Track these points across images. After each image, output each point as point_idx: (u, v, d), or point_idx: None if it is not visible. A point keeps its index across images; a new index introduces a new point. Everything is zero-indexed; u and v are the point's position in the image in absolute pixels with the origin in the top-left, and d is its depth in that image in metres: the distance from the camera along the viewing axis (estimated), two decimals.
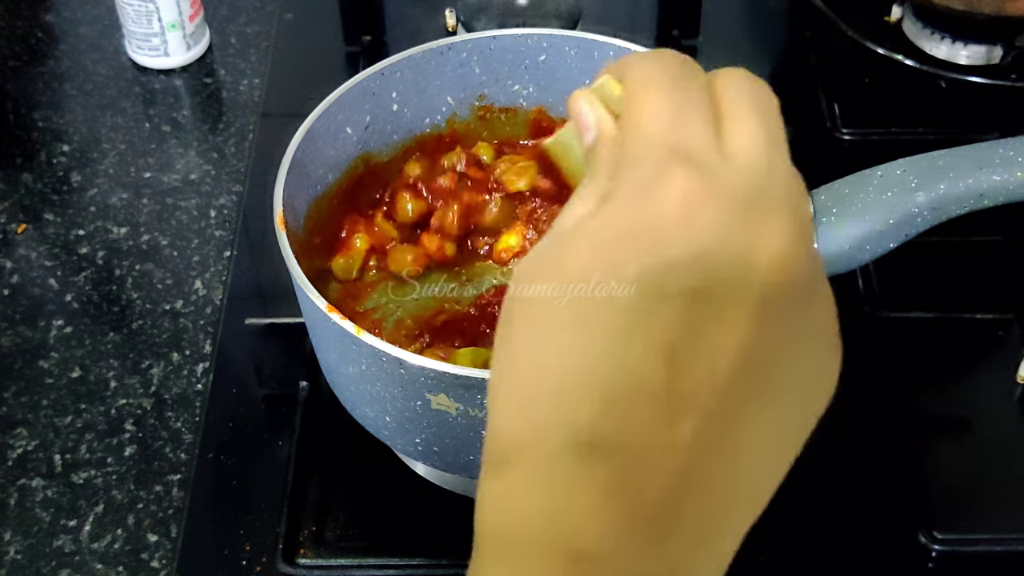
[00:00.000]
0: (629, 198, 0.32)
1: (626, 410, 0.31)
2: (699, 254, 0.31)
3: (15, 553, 0.66)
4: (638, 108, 0.34)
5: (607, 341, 0.31)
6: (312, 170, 0.65)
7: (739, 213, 0.31)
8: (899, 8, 0.94)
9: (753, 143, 0.34)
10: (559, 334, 0.32)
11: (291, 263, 0.57)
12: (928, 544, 0.64)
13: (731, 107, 0.35)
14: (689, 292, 0.31)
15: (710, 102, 0.35)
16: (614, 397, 0.31)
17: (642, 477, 0.31)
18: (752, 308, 0.31)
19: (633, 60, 0.36)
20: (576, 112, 0.37)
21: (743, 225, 0.31)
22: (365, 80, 0.67)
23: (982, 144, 0.65)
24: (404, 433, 0.59)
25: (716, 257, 0.31)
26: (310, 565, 0.64)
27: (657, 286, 0.31)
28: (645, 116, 0.34)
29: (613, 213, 0.32)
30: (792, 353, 0.32)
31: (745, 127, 0.34)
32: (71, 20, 1.01)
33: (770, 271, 0.31)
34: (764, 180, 0.33)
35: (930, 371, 0.74)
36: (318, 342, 0.62)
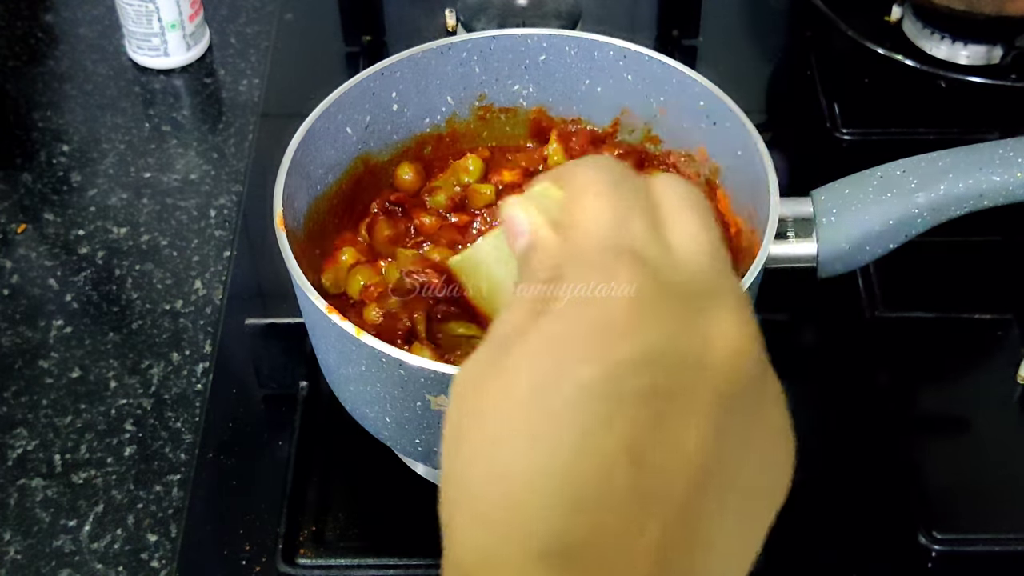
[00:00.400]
0: (575, 299, 0.32)
1: (595, 516, 0.30)
2: (653, 352, 0.31)
3: (15, 553, 0.66)
4: (580, 210, 0.34)
5: (569, 447, 0.30)
6: (312, 170, 0.65)
7: (689, 309, 0.32)
8: (899, 8, 0.94)
9: (694, 241, 0.34)
10: (516, 443, 0.31)
11: (291, 263, 0.57)
12: (928, 544, 0.64)
13: (670, 208, 0.35)
14: (647, 391, 0.30)
15: (649, 203, 0.35)
16: (581, 503, 0.30)
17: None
18: (710, 404, 0.31)
19: (571, 167, 0.36)
20: (508, 217, 0.37)
21: (694, 321, 0.32)
22: (365, 80, 0.67)
23: (982, 145, 0.65)
24: (404, 434, 0.59)
25: (670, 355, 0.31)
26: (310, 565, 0.64)
27: (614, 387, 0.30)
28: (587, 217, 0.34)
29: (561, 315, 0.32)
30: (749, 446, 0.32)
31: (685, 226, 0.35)
32: (71, 20, 1.01)
33: (724, 367, 0.31)
34: (709, 277, 0.34)
35: (930, 371, 0.74)
36: (318, 343, 0.62)
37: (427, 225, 0.68)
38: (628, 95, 0.70)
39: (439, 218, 0.69)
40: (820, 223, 0.65)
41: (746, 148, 0.64)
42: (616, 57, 0.69)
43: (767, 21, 1.04)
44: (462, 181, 0.71)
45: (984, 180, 0.63)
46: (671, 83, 0.68)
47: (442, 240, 0.67)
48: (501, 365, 0.32)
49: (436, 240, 0.67)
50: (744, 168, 0.64)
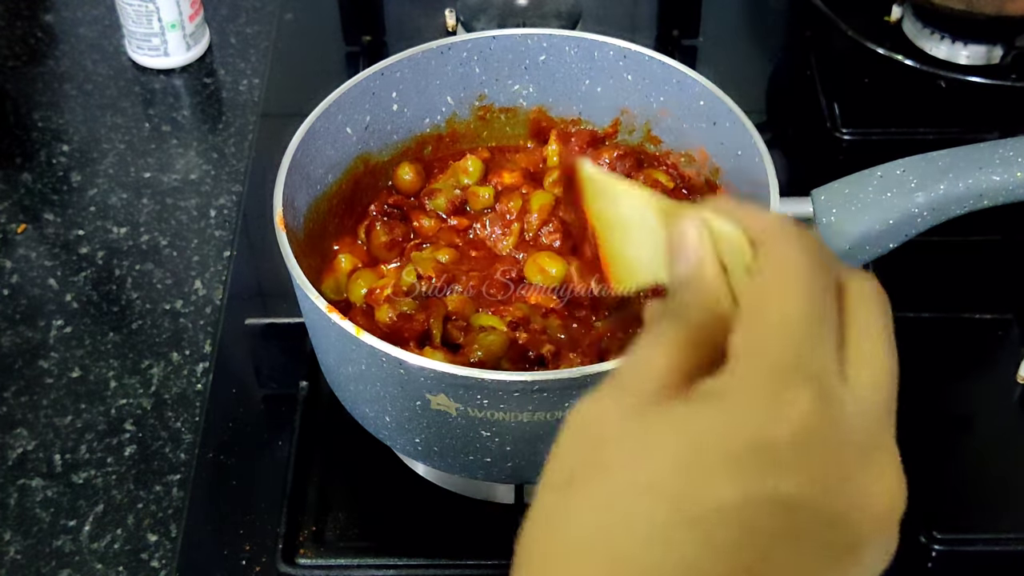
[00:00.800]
0: (744, 404, 0.29)
1: None
2: (803, 493, 0.29)
3: (15, 553, 0.66)
4: (776, 299, 0.31)
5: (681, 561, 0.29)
6: (312, 170, 0.65)
7: (854, 458, 0.30)
8: (899, 8, 0.94)
9: (875, 382, 0.32)
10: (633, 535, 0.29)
11: (291, 263, 0.57)
12: (928, 544, 0.64)
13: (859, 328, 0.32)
14: (781, 531, 0.29)
15: (836, 311, 0.32)
16: None
17: None
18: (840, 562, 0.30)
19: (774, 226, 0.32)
20: (680, 234, 0.33)
21: (855, 472, 0.30)
22: (365, 80, 0.67)
23: (982, 144, 0.65)
24: (404, 433, 0.59)
25: (818, 500, 0.29)
26: (310, 565, 0.64)
27: (750, 516, 0.29)
28: (782, 314, 0.31)
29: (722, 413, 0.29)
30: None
31: (871, 359, 0.32)
32: (71, 20, 1.01)
33: (869, 530, 0.30)
34: (882, 428, 0.32)
35: (930, 371, 0.74)
36: (318, 342, 0.62)
37: (426, 228, 0.68)
38: (628, 95, 0.70)
39: (438, 220, 0.69)
40: (820, 223, 0.65)
41: (746, 148, 0.64)
42: (616, 57, 0.69)
43: (767, 21, 1.04)
44: (461, 183, 0.70)
45: (984, 180, 0.63)
46: (671, 83, 0.68)
47: (441, 242, 0.67)
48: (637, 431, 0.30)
49: (435, 242, 0.67)
50: (744, 168, 0.64)
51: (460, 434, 0.56)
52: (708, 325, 0.32)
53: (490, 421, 0.55)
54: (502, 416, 0.54)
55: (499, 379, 0.52)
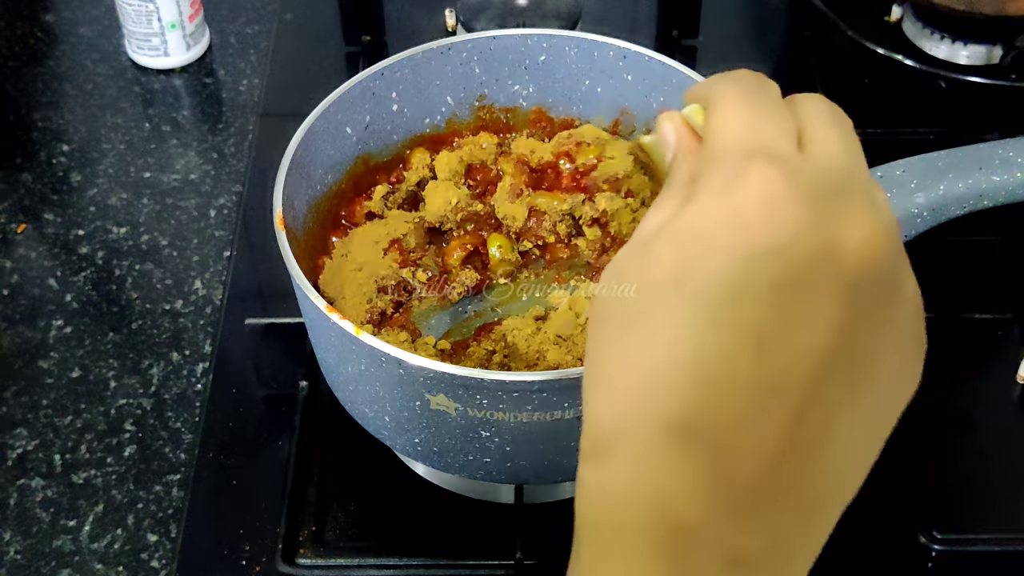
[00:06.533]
0: (710, 197, 0.34)
1: (716, 397, 0.32)
2: (783, 245, 0.32)
3: (15, 553, 0.66)
4: (718, 117, 0.36)
5: (696, 333, 0.32)
6: (312, 170, 0.65)
7: (821, 204, 0.33)
8: (899, 8, 0.94)
9: (832, 145, 0.35)
10: (650, 329, 0.33)
11: (291, 263, 0.57)
12: (928, 544, 0.64)
13: (810, 120, 0.36)
14: (774, 282, 0.32)
15: (789, 114, 0.37)
16: (704, 384, 0.32)
17: (735, 459, 0.32)
18: (837, 297, 0.32)
19: (712, 80, 0.38)
20: (661, 132, 0.39)
21: (825, 216, 0.32)
22: (365, 80, 0.67)
23: (981, 145, 0.65)
24: (403, 433, 0.59)
25: (800, 247, 0.32)
26: (310, 565, 0.64)
27: (742, 278, 0.32)
28: (724, 122, 0.36)
29: (695, 212, 0.34)
30: (878, 343, 0.33)
31: (823, 134, 0.36)
32: (71, 20, 1.01)
33: (855, 260, 0.32)
34: (844, 175, 0.34)
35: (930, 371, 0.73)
36: (317, 342, 0.62)
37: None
38: (628, 95, 0.70)
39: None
40: None
41: None
42: (616, 57, 0.69)
43: (767, 21, 1.04)
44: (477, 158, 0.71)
45: (984, 180, 0.63)
46: (671, 83, 0.68)
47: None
48: (640, 257, 0.34)
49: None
50: None
51: (460, 434, 0.56)
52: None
53: (490, 421, 0.55)
54: (502, 416, 0.54)
55: (499, 379, 0.52)
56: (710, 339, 0.32)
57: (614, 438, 0.33)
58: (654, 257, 0.34)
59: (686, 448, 0.32)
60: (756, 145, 0.34)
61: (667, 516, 0.32)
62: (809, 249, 0.32)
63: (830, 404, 0.32)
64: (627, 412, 0.33)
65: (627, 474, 0.33)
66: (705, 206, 0.34)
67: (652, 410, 0.32)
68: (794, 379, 0.32)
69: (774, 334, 0.32)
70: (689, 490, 0.32)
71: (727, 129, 0.35)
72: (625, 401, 0.33)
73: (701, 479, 0.32)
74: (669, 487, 0.32)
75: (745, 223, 0.32)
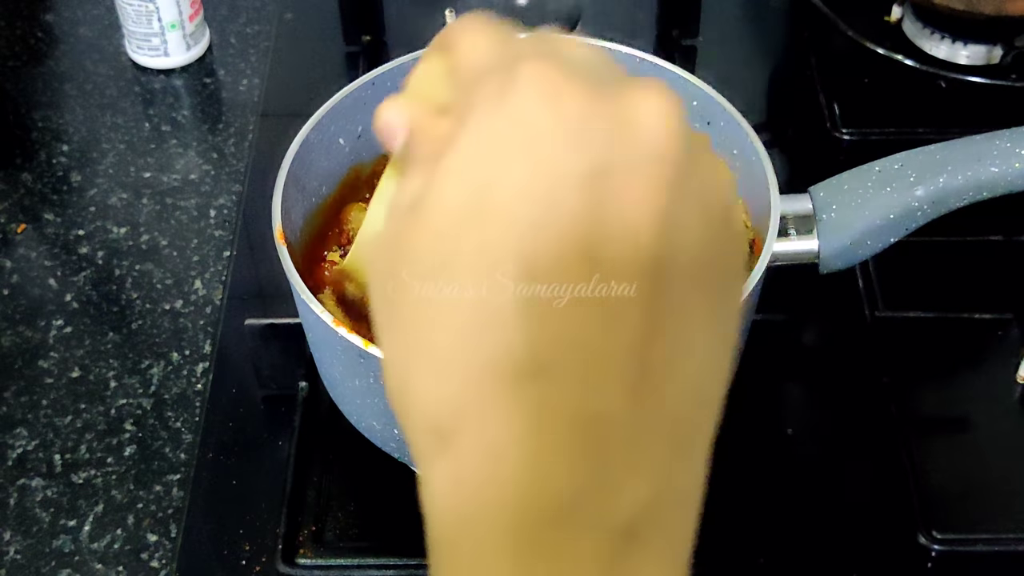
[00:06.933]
0: (483, 111, 0.29)
1: (560, 323, 0.28)
2: (576, 134, 0.29)
3: (15, 553, 0.66)
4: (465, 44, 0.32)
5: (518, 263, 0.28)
6: (307, 182, 0.65)
7: (601, 88, 0.30)
8: (899, 8, 0.94)
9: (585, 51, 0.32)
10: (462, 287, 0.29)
11: (294, 279, 0.56)
12: (928, 544, 0.64)
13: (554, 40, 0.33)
14: (580, 176, 0.28)
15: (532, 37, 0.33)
16: (541, 319, 0.28)
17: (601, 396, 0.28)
18: (649, 174, 0.29)
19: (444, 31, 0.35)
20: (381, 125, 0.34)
21: (610, 98, 0.29)
22: (357, 90, 0.66)
23: (979, 136, 0.65)
24: None
25: (594, 132, 0.29)
26: (310, 565, 0.64)
27: (549, 182, 0.28)
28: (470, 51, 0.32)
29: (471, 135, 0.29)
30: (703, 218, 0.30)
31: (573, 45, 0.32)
32: (71, 20, 1.01)
33: (654, 133, 0.29)
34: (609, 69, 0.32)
35: (930, 371, 0.74)
36: (321, 356, 0.62)
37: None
38: None
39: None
40: (820, 219, 0.64)
41: (743, 146, 0.64)
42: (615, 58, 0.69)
43: (767, 21, 1.04)
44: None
45: (983, 172, 0.63)
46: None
47: None
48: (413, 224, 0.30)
49: None
50: (742, 167, 0.64)
51: None
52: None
53: None
54: None
55: None
56: (534, 264, 0.28)
57: (454, 413, 0.29)
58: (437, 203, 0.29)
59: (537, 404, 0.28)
60: (516, 52, 0.31)
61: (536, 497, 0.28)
62: (604, 130, 0.29)
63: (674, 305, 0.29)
64: (463, 380, 0.29)
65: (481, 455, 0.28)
66: (481, 122, 0.29)
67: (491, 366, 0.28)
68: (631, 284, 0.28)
69: (599, 236, 0.28)
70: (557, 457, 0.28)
71: (476, 53, 0.32)
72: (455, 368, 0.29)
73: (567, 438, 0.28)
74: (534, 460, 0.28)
75: (532, 121, 0.28)
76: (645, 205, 0.28)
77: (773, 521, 0.65)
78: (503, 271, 0.28)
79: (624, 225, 0.28)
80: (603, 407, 0.28)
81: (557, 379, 0.28)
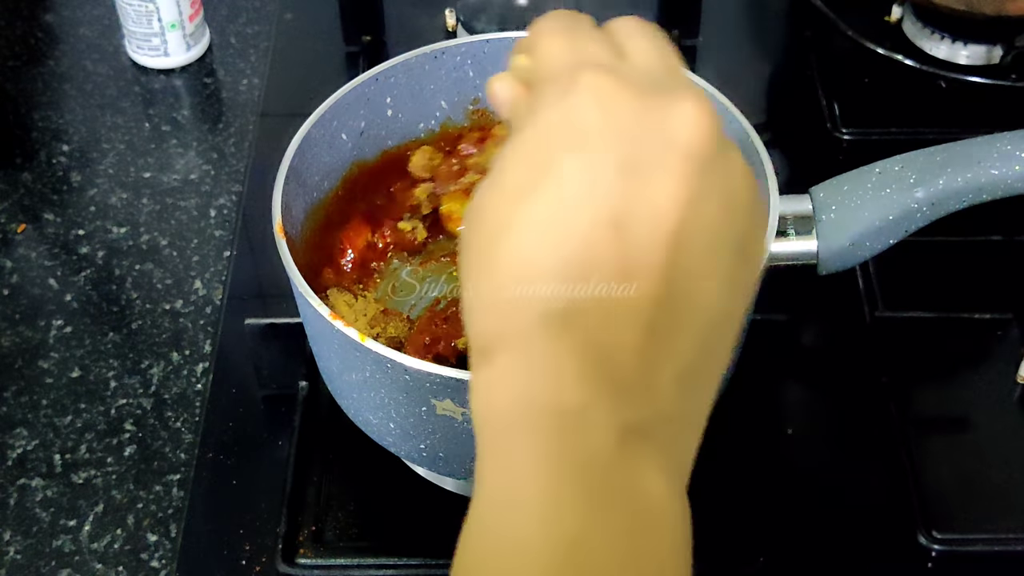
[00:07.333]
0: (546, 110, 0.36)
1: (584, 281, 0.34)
2: (620, 133, 0.35)
3: (15, 553, 0.66)
4: (541, 50, 0.39)
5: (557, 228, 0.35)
6: (308, 178, 0.65)
7: (648, 95, 0.36)
8: (899, 8, 0.94)
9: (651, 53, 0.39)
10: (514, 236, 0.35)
11: (292, 272, 0.57)
12: (928, 544, 0.64)
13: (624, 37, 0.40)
14: (619, 166, 0.35)
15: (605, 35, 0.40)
16: (571, 269, 0.34)
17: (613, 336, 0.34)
18: (677, 169, 0.35)
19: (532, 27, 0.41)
20: (495, 93, 0.41)
21: (655, 103, 0.36)
22: (360, 86, 0.66)
23: (979, 139, 0.65)
24: (408, 439, 0.59)
25: (636, 130, 0.35)
26: (310, 565, 0.64)
27: (589, 168, 0.35)
28: (547, 51, 0.39)
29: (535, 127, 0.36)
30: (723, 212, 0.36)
31: (641, 45, 0.39)
32: (71, 20, 1.01)
33: (686, 137, 0.35)
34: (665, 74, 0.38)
35: (930, 371, 0.74)
36: (319, 350, 0.62)
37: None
38: None
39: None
40: (820, 220, 0.64)
41: (743, 146, 0.64)
42: None
43: (767, 21, 1.04)
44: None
45: (982, 174, 0.63)
46: None
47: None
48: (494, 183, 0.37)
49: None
50: None
51: (466, 439, 0.56)
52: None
53: None
54: None
55: None
56: (571, 230, 0.34)
57: (497, 339, 0.35)
58: (506, 177, 0.36)
59: (563, 335, 0.34)
60: (580, 60, 0.37)
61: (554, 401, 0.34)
62: (645, 131, 0.35)
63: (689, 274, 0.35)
64: (504, 313, 0.35)
65: (512, 368, 0.35)
66: (543, 119, 0.36)
67: (526, 305, 0.35)
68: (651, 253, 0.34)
69: (627, 211, 0.34)
70: (571, 374, 0.34)
71: (551, 56, 0.38)
72: (500, 304, 0.35)
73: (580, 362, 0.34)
74: (552, 374, 0.34)
75: (582, 119, 0.35)
76: (670, 192, 0.35)
77: (773, 521, 0.65)
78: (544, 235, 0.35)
79: (650, 207, 0.34)
80: (617, 339, 0.34)
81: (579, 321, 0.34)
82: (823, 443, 0.70)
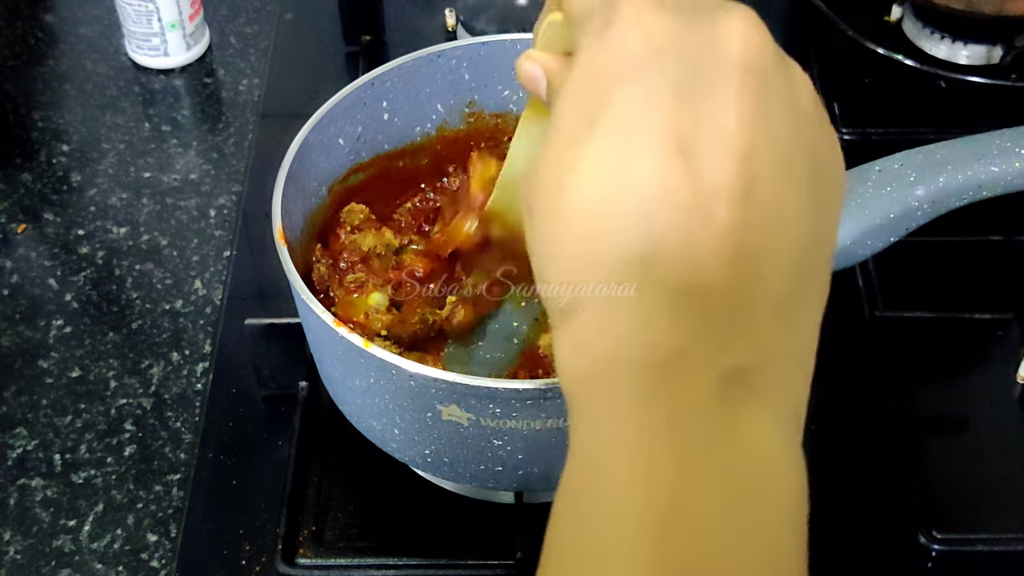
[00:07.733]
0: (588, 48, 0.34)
1: (661, 214, 0.32)
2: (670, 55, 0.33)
3: (15, 553, 0.66)
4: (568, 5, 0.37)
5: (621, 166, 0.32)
6: (307, 183, 0.65)
7: (692, 15, 0.34)
8: (899, 8, 0.94)
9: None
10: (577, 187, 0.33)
11: (294, 279, 0.56)
12: (928, 544, 0.64)
13: None
14: (674, 87, 0.32)
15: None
16: (643, 204, 0.32)
17: (699, 271, 0.32)
18: (737, 84, 0.33)
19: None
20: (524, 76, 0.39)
21: (700, 21, 0.34)
22: (356, 91, 0.66)
23: (979, 136, 0.65)
24: (413, 445, 0.59)
25: (687, 53, 0.33)
26: (309, 565, 0.64)
27: (643, 96, 0.33)
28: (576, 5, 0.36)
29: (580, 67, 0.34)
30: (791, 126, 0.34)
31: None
32: (71, 20, 1.01)
33: (741, 50, 0.33)
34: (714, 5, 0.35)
35: (930, 371, 0.74)
36: (321, 356, 0.62)
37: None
38: None
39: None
40: None
41: None
42: None
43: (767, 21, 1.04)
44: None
45: (982, 171, 0.63)
46: None
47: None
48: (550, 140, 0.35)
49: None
50: None
51: (471, 444, 0.56)
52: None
53: (502, 430, 0.54)
54: (514, 424, 0.54)
55: (512, 387, 0.52)
56: (636, 163, 0.32)
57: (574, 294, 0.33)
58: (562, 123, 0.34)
59: (644, 278, 0.32)
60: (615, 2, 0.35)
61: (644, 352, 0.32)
62: (696, 51, 0.33)
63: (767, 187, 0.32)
64: (580, 268, 0.33)
65: (594, 323, 0.33)
66: (587, 57, 0.34)
67: (603, 254, 0.32)
68: (724, 175, 0.32)
69: (692, 136, 0.32)
70: (659, 320, 0.32)
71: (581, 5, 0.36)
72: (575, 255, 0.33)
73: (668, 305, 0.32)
74: (639, 323, 0.32)
75: (627, 47, 0.33)
76: (734, 109, 0.32)
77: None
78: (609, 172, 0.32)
79: (716, 128, 0.32)
80: (703, 276, 0.32)
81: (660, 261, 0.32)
82: (823, 443, 0.70)
